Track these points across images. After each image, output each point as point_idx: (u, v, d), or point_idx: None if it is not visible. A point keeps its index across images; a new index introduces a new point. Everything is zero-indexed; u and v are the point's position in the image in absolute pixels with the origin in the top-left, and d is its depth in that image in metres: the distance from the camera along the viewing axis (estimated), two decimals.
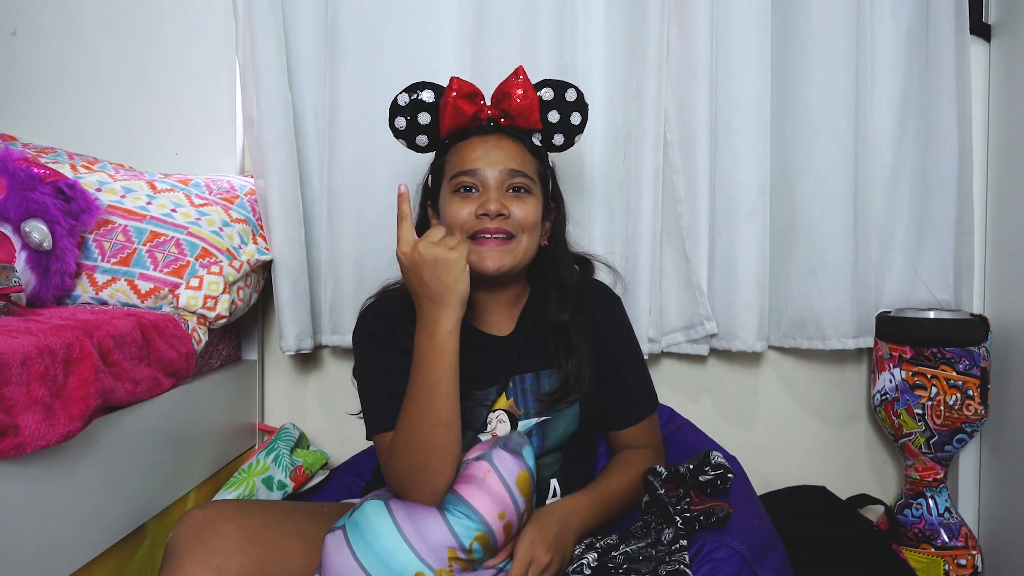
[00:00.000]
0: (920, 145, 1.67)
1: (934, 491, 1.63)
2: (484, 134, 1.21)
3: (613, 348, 1.29)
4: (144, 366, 1.20)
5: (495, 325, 1.26)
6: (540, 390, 1.23)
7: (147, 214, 1.47)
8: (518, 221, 1.18)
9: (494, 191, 1.17)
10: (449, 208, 1.19)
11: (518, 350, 1.24)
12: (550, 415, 1.22)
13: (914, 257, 1.70)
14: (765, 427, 1.80)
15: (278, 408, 1.80)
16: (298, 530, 1.10)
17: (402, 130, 1.26)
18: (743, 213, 1.64)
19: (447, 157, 1.23)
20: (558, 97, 1.24)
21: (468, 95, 1.21)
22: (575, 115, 1.26)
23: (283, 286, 1.60)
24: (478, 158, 1.18)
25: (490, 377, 1.23)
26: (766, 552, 1.14)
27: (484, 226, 1.16)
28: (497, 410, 1.22)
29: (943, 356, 1.56)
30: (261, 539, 1.04)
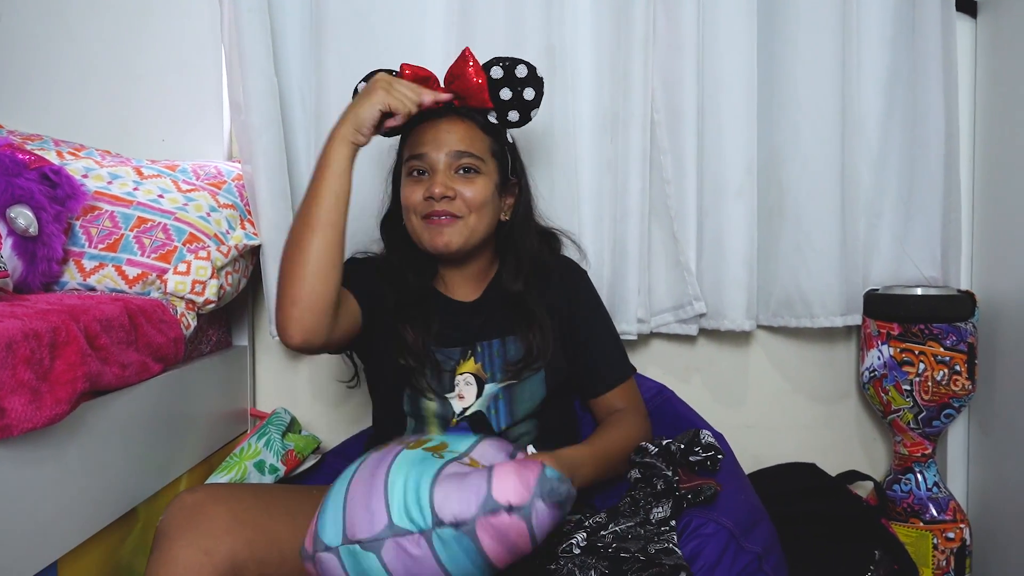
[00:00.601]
0: (907, 123, 1.67)
1: (922, 466, 1.64)
2: (436, 117, 1.25)
3: (583, 319, 1.34)
4: (132, 351, 1.20)
5: (461, 292, 1.32)
6: (507, 356, 1.26)
7: (134, 200, 1.46)
8: (466, 202, 1.22)
9: (441, 174, 1.22)
10: (404, 191, 1.26)
11: (483, 316, 1.29)
12: (516, 380, 1.25)
13: (901, 235, 1.70)
14: (755, 406, 1.81)
15: (269, 393, 1.79)
16: (289, 512, 1.10)
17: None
18: (731, 193, 1.64)
19: (405, 141, 1.29)
20: (508, 74, 1.25)
21: (421, 79, 1.23)
22: (528, 90, 1.26)
23: (272, 271, 1.58)
24: (427, 142, 1.23)
25: (453, 338, 1.27)
26: (753, 527, 1.15)
27: (432, 208, 1.22)
28: (464, 373, 1.26)
29: (931, 332, 1.56)
30: (251, 521, 1.04)
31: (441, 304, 1.30)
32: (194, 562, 0.97)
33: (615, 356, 1.36)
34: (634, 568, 1.03)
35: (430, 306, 1.29)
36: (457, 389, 1.25)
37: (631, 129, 1.63)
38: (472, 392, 1.25)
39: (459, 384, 1.25)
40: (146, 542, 1.23)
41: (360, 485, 0.97)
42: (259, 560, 1.02)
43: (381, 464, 0.98)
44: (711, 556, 1.09)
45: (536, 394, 1.27)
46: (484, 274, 1.33)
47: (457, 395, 1.25)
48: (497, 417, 1.25)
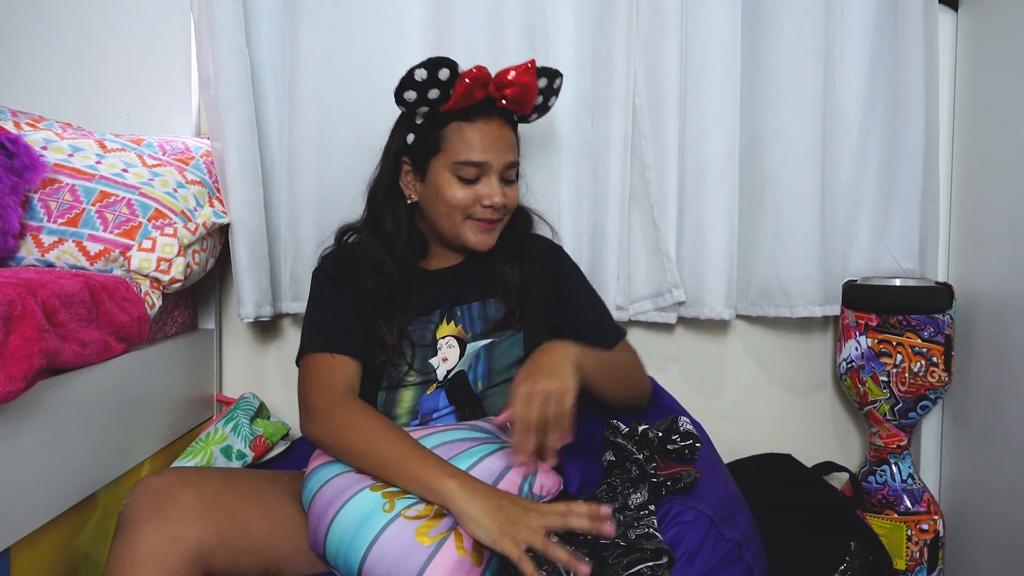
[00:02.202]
0: (888, 114, 1.67)
1: (897, 458, 1.64)
2: (487, 118, 1.24)
3: (573, 295, 1.38)
4: (93, 328, 1.15)
5: (441, 263, 1.34)
6: (487, 315, 1.29)
7: (96, 174, 1.41)
8: (508, 206, 1.27)
9: (496, 183, 1.24)
10: (449, 189, 1.24)
11: (463, 281, 1.31)
12: (496, 337, 1.27)
13: (880, 226, 1.70)
14: (732, 396, 1.80)
15: (237, 378, 1.75)
16: (259, 497, 1.08)
17: (410, 103, 1.24)
18: (712, 180, 1.63)
19: (447, 134, 1.24)
20: (548, 85, 1.32)
21: (483, 82, 1.23)
22: (553, 99, 1.36)
23: (241, 251, 1.55)
24: (486, 149, 1.23)
25: (433, 303, 1.29)
26: (733, 514, 1.15)
27: (485, 216, 1.25)
28: (445, 336, 1.27)
29: (908, 323, 1.57)
30: (220, 506, 1.01)
31: (420, 277, 1.31)
32: (160, 548, 0.93)
33: (606, 323, 1.39)
34: (615, 554, 1.01)
35: (411, 283, 1.29)
36: (440, 352, 1.26)
37: (612, 113, 1.61)
38: (455, 353, 1.26)
39: (442, 347, 1.26)
40: (106, 529, 1.20)
41: (320, 503, 1.03)
42: (228, 547, 0.99)
43: (337, 499, 1.01)
44: (692, 543, 1.08)
45: (515, 354, 1.28)
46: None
47: (441, 358, 1.26)
48: (475, 375, 1.26)
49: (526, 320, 1.30)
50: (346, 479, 1.05)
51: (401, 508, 0.99)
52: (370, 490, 1.02)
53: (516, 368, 1.27)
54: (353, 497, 1.01)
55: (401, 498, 1.00)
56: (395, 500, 1.00)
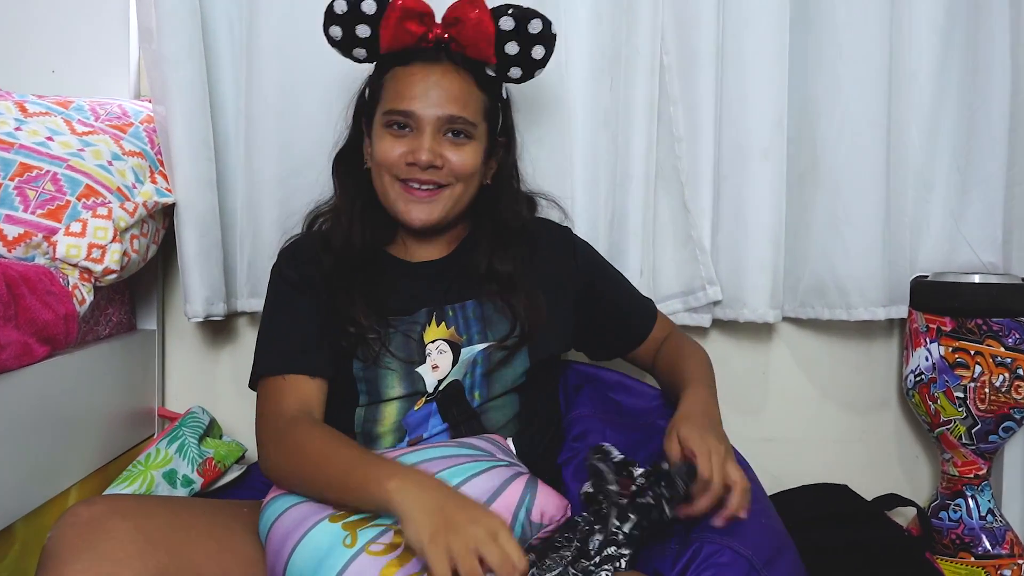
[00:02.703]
0: (966, 75, 1.68)
1: (975, 490, 1.65)
2: (428, 62, 1.26)
3: (598, 281, 1.42)
4: (10, 328, 1.16)
5: (424, 254, 1.35)
6: (484, 315, 1.29)
7: (15, 142, 1.41)
8: (452, 170, 1.26)
9: (428, 138, 1.24)
10: (380, 144, 1.27)
11: (451, 276, 1.32)
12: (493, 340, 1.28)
13: (956, 211, 1.71)
14: (777, 415, 1.81)
15: (182, 389, 1.76)
16: (210, 532, 1.08)
17: (337, 40, 1.29)
18: (755, 154, 1.63)
19: (385, 80, 1.28)
20: (520, 28, 1.28)
21: (416, 15, 1.24)
22: (538, 48, 1.30)
23: (189, 237, 1.55)
24: (416, 96, 1.24)
25: (417, 300, 1.29)
26: (776, 556, 1.15)
27: (414, 175, 1.24)
28: (436, 340, 1.27)
29: (989, 328, 1.57)
30: (164, 542, 1.01)
31: (396, 267, 1.32)
32: None
33: (639, 300, 1.48)
34: None
35: (384, 272, 1.31)
36: (430, 359, 1.26)
37: (635, 74, 1.62)
38: (447, 360, 1.26)
39: (431, 353, 1.26)
40: (26, 570, 1.20)
41: (277, 536, 1.04)
42: None
43: (295, 532, 1.02)
44: None
45: (518, 365, 1.28)
46: (455, 236, 1.36)
47: (431, 365, 1.26)
48: (472, 386, 1.26)
49: (533, 340, 1.30)
50: (304, 508, 1.06)
51: (364, 542, 0.99)
52: (329, 521, 1.03)
53: (518, 377, 1.29)
54: (311, 529, 1.02)
55: (364, 528, 1.01)
56: (357, 532, 1.01)
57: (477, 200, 1.34)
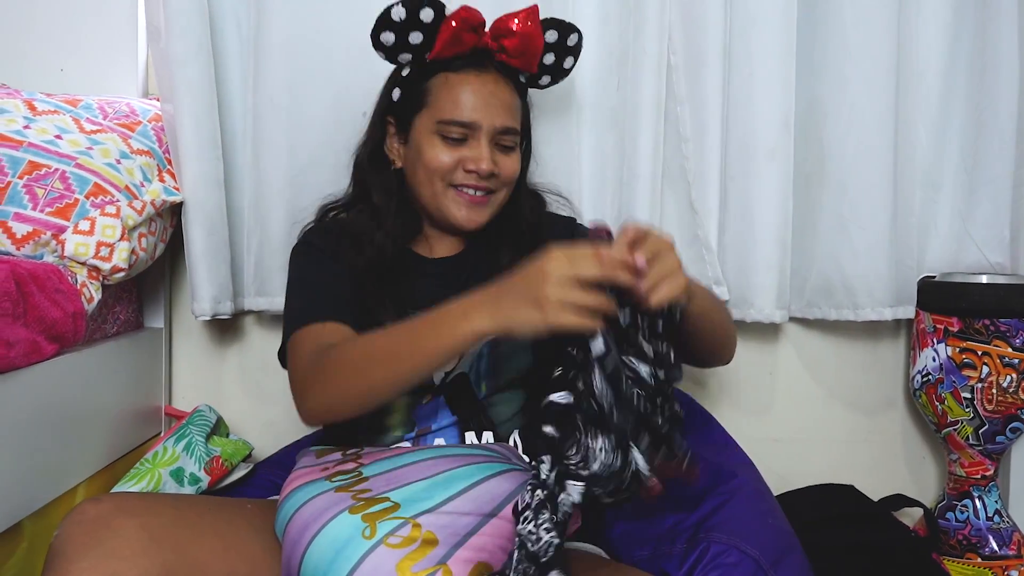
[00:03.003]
0: (974, 74, 1.68)
1: (982, 491, 1.65)
2: (480, 71, 1.29)
3: None
4: (20, 326, 1.16)
5: (442, 250, 1.37)
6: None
7: (25, 140, 1.42)
8: (504, 179, 1.30)
9: (486, 147, 1.27)
10: (430, 150, 1.27)
11: (467, 271, 1.33)
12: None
13: (964, 210, 1.71)
14: (783, 415, 1.81)
15: (189, 387, 1.76)
16: (216, 530, 1.08)
17: (388, 45, 1.29)
18: (761, 154, 1.63)
19: (431, 86, 1.29)
20: (560, 41, 1.36)
21: (473, 26, 1.27)
22: (569, 59, 1.40)
23: (196, 235, 1.56)
24: (476, 108, 1.26)
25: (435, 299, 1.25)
26: (783, 556, 1.16)
27: (469, 182, 1.27)
28: None
29: (997, 329, 1.57)
30: (169, 540, 1.01)
31: (418, 265, 1.33)
32: None
33: None
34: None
35: (409, 269, 1.31)
36: None
37: (642, 73, 1.62)
38: None
39: None
40: (32, 566, 1.21)
41: (296, 527, 1.03)
42: None
43: (314, 523, 1.02)
44: None
45: (522, 358, 1.29)
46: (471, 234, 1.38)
47: None
48: (478, 378, 1.27)
49: None
50: (324, 500, 1.05)
51: (383, 534, 1.00)
52: (349, 512, 1.03)
53: (523, 368, 1.29)
54: (331, 521, 1.02)
55: (383, 521, 1.01)
56: (376, 524, 1.01)
57: None
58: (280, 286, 1.57)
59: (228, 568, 1.05)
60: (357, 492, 1.06)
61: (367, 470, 1.10)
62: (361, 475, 1.09)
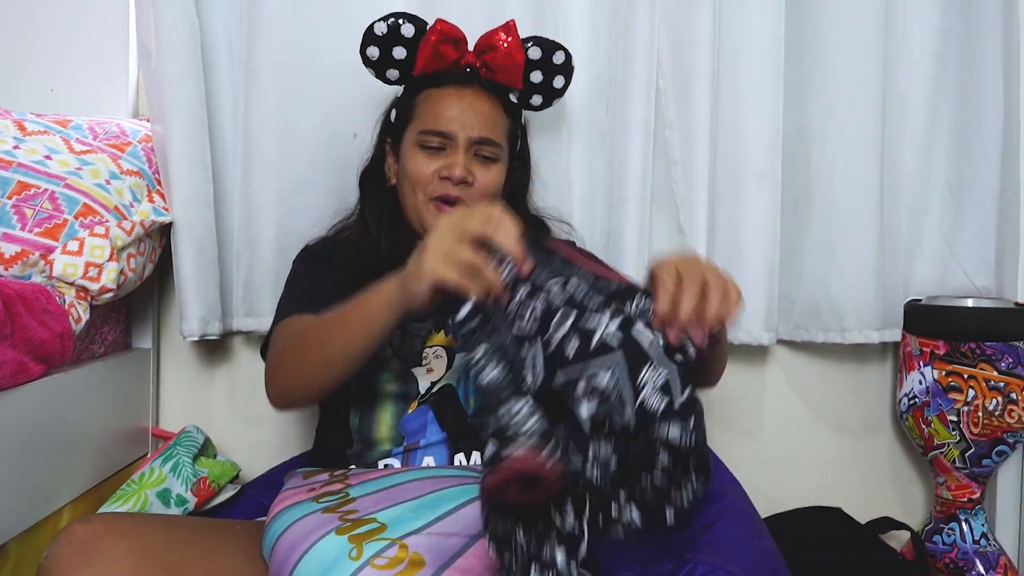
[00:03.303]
0: (959, 100, 1.70)
1: (969, 513, 1.65)
2: (461, 85, 1.36)
3: None
4: (7, 346, 1.15)
5: None
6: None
7: (14, 160, 1.41)
8: (480, 189, 1.33)
9: (461, 155, 1.32)
10: (411, 161, 1.34)
11: None
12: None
13: (949, 235, 1.73)
14: (771, 437, 1.81)
15: (177, 409, 1.75)
16: (205, 552, 1.08)
17: (374, 60, 1.38)
18: (750, 177, 1.64)
19: (417, 101, 1.37)
20: (545, 58, 1.40)
21: (452, 40, 1.34)
22: (559, 79, 1.44)
23: (186, 255, 1.55)
24: (453, 118, 1.33)
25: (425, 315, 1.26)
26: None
27: (446, 192, 1.31)
28: (434, 346, 1.30)
29: (983, 352, 1.58)
30: (160, 561, 1.01)
31: None
32: None
33: None
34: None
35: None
36: (426, 363, 1.29)
37: (631, 97, 1.63)
38: (442, 364, 1.29)
39: (428, 357, 1.29)
40: None
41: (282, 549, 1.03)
42: None
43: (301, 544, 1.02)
44: None
45: None
46: None
47: (426, 369, 1.29)
48: (467, 390, 1.28)
49: None
50: (311, 521, 1.05)
51: (369, 555, 0.99)
52: (336, 534, 1.03)
53: None
54: (317, 542, 1.02)
55: (370, 542, 1.01)
56: (363, 545, 1.01)
57: None
58: (269, 307, 1.58)
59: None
60: (344, 513, 1.06)
61: (354, 491, 1.10)
62: (348, 496, 1.09)
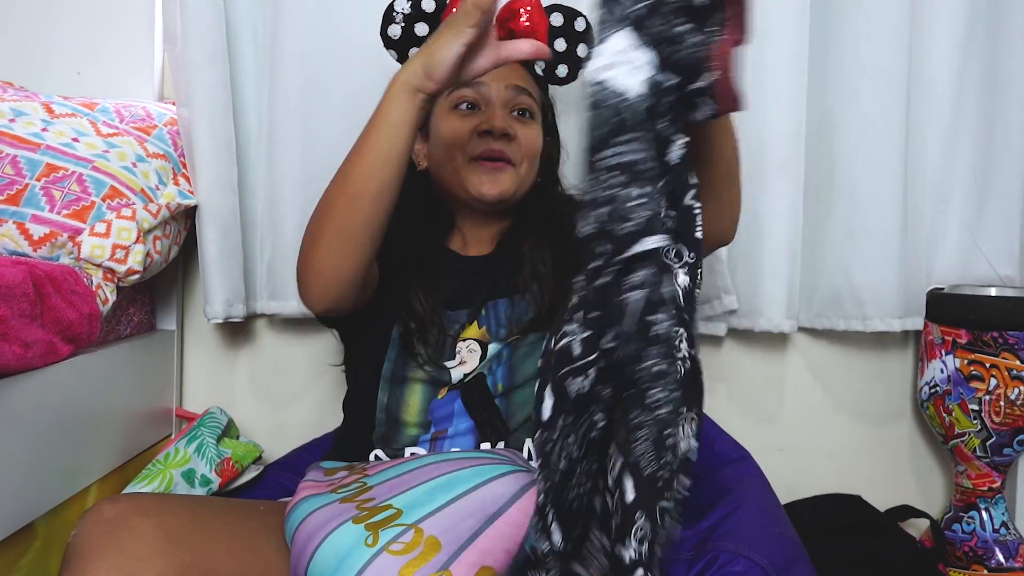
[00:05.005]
0: (984, 88, 1.69)
1: (989, 502, 1.65)
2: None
3: None
4: (37, 327, 1.16)
5: (476, 248, 1.39)
6: (513, 316, 1.31)
7: (42, 143, 1.42)
8: (522, 146, 1.30)
9: (499, 108, 1.29)
10: (446, 125, 1.31)
11: (496, 272, 1.34)
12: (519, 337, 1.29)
13: (973, 223, 1.72)
14: (791, 425, 1.81)
15: (200, 390, 1.77)
16: (230, 531, 1.09)
17: (396, 39, 1.36)
18: (772, 164, 1.63)
19: None
20: (567, 25, 1.38)
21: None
22: (582, 47, 1.41)
23: (210, 238, 1.56)
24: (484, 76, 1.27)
25: (462, 298, 1.31)
26: (790, 565, 1.16)
27: (489, 147, 1.27)
28: (468, 339, 1.30)
29: (1005, 342, 1.57)
30: (185, 540, 1.01)
31: (453, 262, 1.36)
32: None
33: None
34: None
35: (442, 265, 1.34)
36: (459, 356, 1.29)
37: None
38: (475, 358, 1.29)
39: (461, 351, 1.29)
40: (46, 566, 1.21)
41: (302, 536, 1.04)
42: None
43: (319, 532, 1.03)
44: None
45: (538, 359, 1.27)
46: (500, 229, 1.39)
47: (459, 361, 1.29)
48: (495, 378, 1.28)
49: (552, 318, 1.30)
50: (329, 511, 1.06)
51: (385, 541, 1.00)
52: (353, 523, 1.03)
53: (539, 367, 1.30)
54: (335, 530, 1.03)
55: (385, 529, 1.02)
56: (379, 532, 1.02)
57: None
58: (292, 290, 1.57)
59: (242, 568, 1.05)
60: (361, 502, 1.06)
61: (371, 480, 1.11)
62: (365, 485, 1.10)
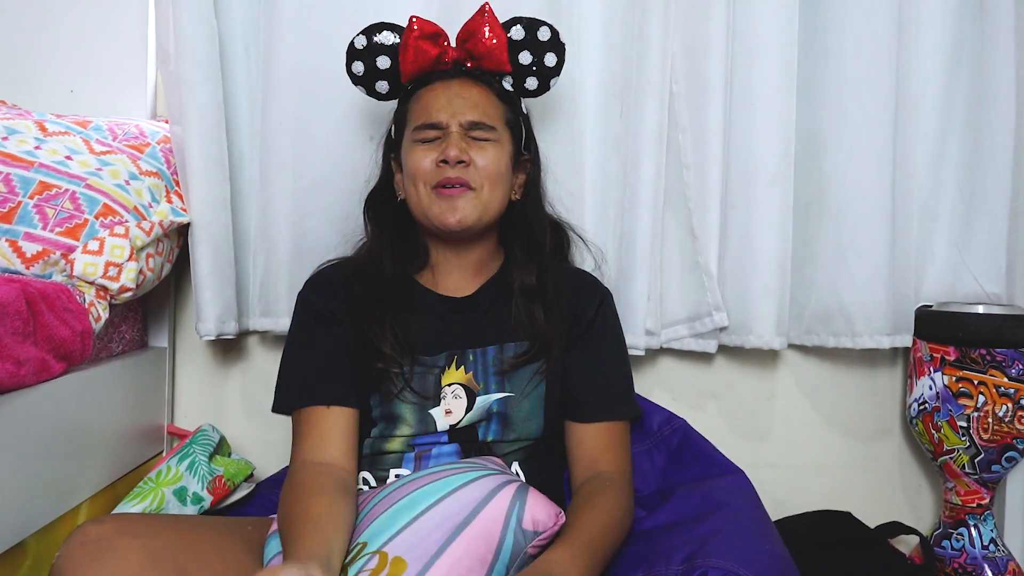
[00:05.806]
0: (971, 106, 1.70)
1: (978, 519, 1.65)
2: (448, 78, 1.35)
3: (599, 336, 1.37)
4: (30, 344, 1.17)
5: (454, 287, 1.36)
6: (502, 366, 1.29)
7: (35, 161, 1.42)
8: (480, 170, 1.29)
9: (455, 138, 1.29)
10: (410, 158, 1.31)
11: (478, 315, 1.34)
12: (512, 391, 1.28)
13: (960, 241, 1.72)
14: (781, 441, 1.81)
15: (192, 407, 1.76)
16: (217, 552, 1.09)
17: (360, 76, 1.39)
18: (762, 182, 1.64)
19: (409, 105, 1.36)
20: (530, 36, 1.37)
21: (430, 36, 1.33)
22: (549, 56, 1.39)
23: (203, 255, 1.56)
24: (441, 108, 1.31)
25: (440, 342, 1.30)
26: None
27: (445, 175, 1.28)
28: (452, 384, 1.28)
29: (993, 359, 1.58)
30: (171, 561, 1.02)
31: (425, 301, 1.34)
32: None
33: (619, 387, 1.37)
34: None
35: (411, 300, 1.32)
36: (444, 403, 1.27)
37: (645, 101, 1.63)
38: (461, 406, 1.27)
39: (446, 396, 1.27)
40: None
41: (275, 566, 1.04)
42: None
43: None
44: None
45: (534, 415, 1.29)
46: (484, 266, 1.38)
47: (444, 410, 1.27)
48: (486, 431, 1.28)
49: (548, 354, 1.30)
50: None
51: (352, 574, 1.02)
52: None
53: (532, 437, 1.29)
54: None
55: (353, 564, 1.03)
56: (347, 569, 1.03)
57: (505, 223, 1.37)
58: (285, 307, 1.59)
59: None
60: None
61: None
62: None
